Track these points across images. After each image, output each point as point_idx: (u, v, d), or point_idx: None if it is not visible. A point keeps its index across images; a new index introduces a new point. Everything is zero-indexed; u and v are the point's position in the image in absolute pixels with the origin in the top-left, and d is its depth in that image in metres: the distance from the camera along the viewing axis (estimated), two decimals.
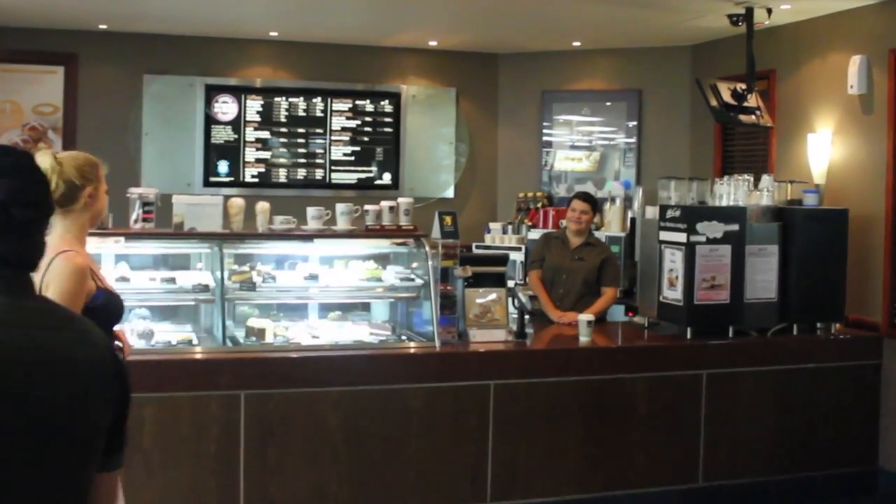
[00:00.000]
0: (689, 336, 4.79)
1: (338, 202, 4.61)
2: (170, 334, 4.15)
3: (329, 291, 4.37)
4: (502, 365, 4.38)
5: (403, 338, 4.46)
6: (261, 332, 4.14)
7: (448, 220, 4.36)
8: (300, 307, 4.58)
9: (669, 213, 4.85)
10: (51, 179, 2.50)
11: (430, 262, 4.38)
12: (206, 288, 4.07)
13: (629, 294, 6.57)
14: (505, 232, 7.31)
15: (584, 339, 4.64)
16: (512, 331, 4.56)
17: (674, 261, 4.82)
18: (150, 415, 3.82)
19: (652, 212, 5.12)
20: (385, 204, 4.71)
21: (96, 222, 2.85)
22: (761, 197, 5.19)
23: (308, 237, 4.46)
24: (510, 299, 4.62)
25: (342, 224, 4.62)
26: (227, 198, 4.47)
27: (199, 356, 3.96)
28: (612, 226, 6.73)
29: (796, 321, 5.03)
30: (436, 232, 4.38)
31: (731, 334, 4.90)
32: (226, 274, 4.14)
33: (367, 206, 4.73)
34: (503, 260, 4.79)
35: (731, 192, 5.16)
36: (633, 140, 7.47)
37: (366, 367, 4.14)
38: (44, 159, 2.54)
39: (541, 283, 5.33)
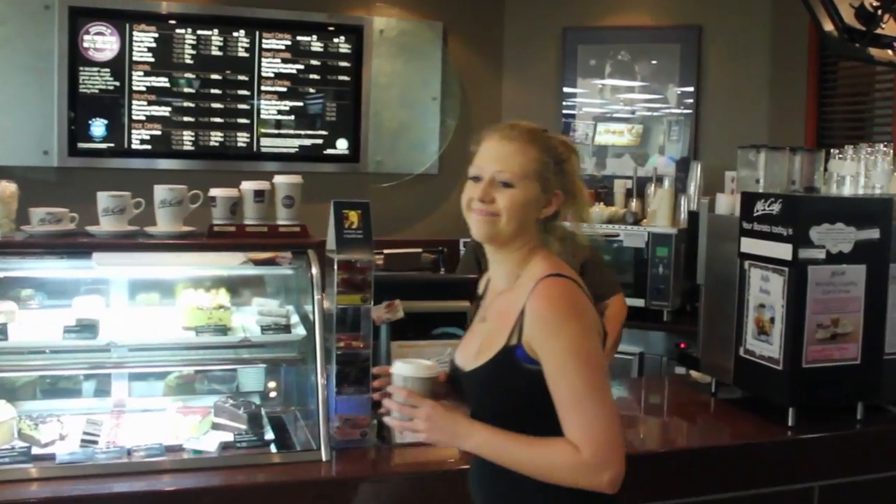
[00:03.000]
0: (791, 421, 2.85)
1: (157, 185, 2.70)
2: None
3: (124, 356, 2.43)
4: (450, 492, 2.43)
5: (268, 437, 2.52)
6: None
7: (353, 217, 2.37)
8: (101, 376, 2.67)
9: (761, 208, 2.88)
10: None
11: (315, 296, 2.45)
12: None
13: (681, 312, 4.60)
14: None
15: None
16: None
17: (767, 290, 2.86)
18: None
19: (727, 202, 3.13)
20: (248, 187, 2.78)
21: None
22: None
23: (86, 248, 2.51)
24: None
25: (165, 223, 2.70)
26: None
27: None
28: (657, 218, 4.74)
29: None
30: (331, 241, 2.40)
31: (859, 416, 2.97)
32: None
33: (214, 192, 2.80)
34: (466, 287, 2.84)
35: (859, 171, 3.18)
36: (684, 110, 5.42)
37: None
38: None
39: None
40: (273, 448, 2.48)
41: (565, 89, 5.67)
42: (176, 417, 2.51)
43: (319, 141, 5.36)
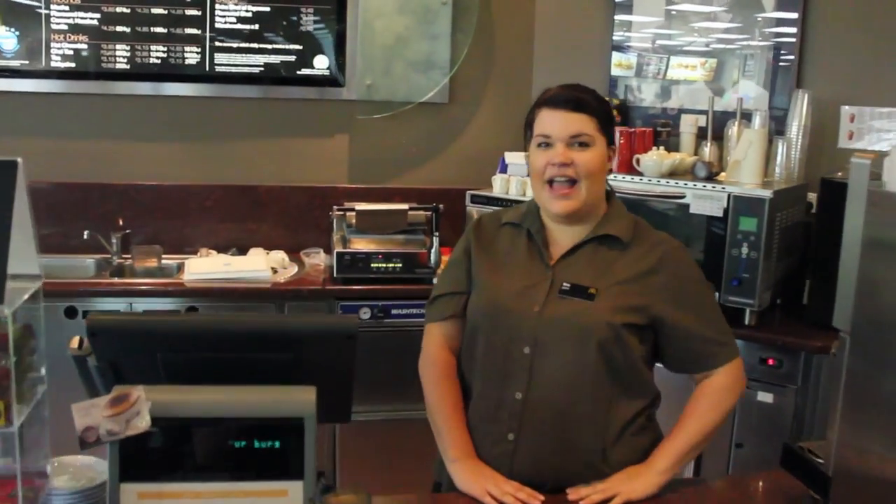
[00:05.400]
0: None
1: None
2: None
3: None
4: None
5: None
6: None
7: None
8: None
9: None
10: None
11: None
12: None
13: (770, 311, 2.89)
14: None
15: None
16: None
17: None
18: None
19: None
20: None
21: None
22: None
23: None
24: None
25: None
26: None
27: None
28: (741, 172, 2.98)
29: None
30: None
31: None
32: None
33: None
34: (341, 340, 1.20)
35: None
36: (782, 39, 3.55)
37: None
38: None
39: (448, 367, 1.79)
40: None
41: (618, 17, 3.86)
42: None
43: (292, 58, 3.71)
